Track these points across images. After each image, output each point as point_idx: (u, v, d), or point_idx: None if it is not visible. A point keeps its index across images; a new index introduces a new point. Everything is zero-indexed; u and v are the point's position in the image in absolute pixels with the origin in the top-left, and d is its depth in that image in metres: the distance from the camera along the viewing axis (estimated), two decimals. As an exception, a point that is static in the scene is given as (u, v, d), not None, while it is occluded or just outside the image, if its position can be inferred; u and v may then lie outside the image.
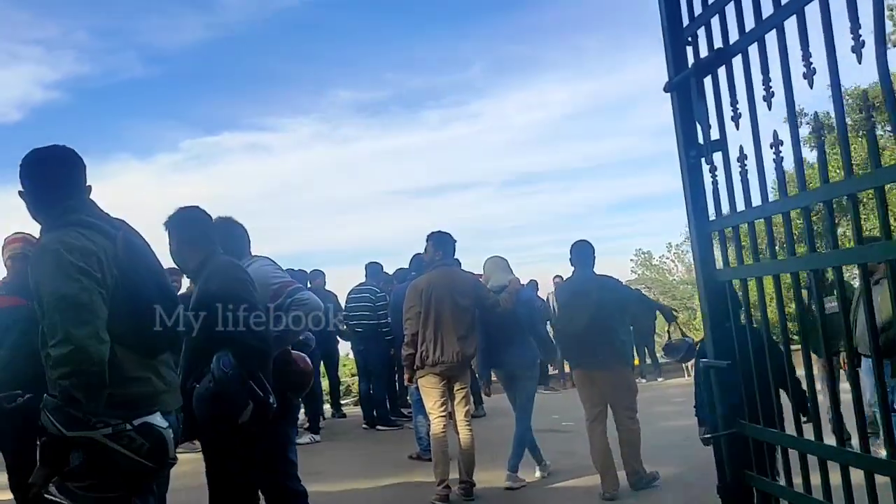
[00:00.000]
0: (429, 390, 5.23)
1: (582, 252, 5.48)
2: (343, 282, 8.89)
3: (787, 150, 2.02)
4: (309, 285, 9.13)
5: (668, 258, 40.79)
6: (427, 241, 5.53)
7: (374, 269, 8.87)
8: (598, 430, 5.27)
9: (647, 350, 13.91)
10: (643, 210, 61.28)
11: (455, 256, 5.90)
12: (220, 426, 2.92)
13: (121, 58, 55.35)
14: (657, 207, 60.74)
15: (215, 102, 60.78)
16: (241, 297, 3.01)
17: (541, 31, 58.00)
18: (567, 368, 13.06)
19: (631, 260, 42.29)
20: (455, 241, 5.55)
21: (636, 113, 54.00)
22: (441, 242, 5.48)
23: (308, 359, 3.63)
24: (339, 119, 58.43)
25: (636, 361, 13.86)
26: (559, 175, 62.42)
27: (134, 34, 59.17)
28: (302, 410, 8.42)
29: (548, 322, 12.45)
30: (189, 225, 3.26)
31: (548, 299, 12.61)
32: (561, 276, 13.03)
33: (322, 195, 59.60)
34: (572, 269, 5.57)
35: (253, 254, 3.76)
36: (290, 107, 71.42)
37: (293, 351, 3.54)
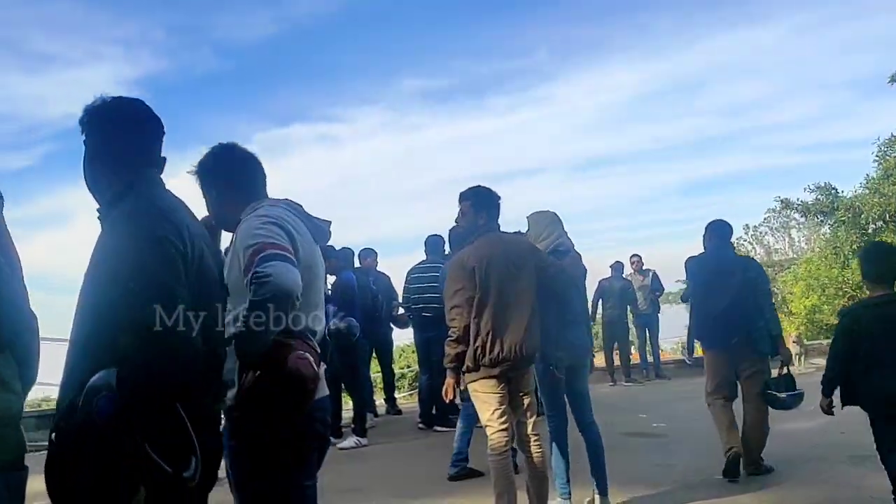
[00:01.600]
0: (485, 397, 3.94)
1: (720, 231, 5.25)
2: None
3: None
4: (358, 264, 8.18)
5: (745, 240, 39.52)
6: (461, 201, 4.16)
7: (435, 241, 7.48)
8: (724, 405, 5.03)
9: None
10: (717, 192, 59.22)
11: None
12: None
13: (195, 54, 57.48)
14: (731, 189, 58.24)
15: (285, 95, 62.83)
16: (138, 275, 1.72)
17: (607, 13, 57.41)
18: (650, 357, 11.85)
19: (707, 243, 40.86)
20: (499, 198, 4.17)
21: (706, 93, 52.23)
22: (483, 201, 4.12)
23: (311, 360, 2.41)
24: (406, 108, 58.52)
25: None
26: (629, 158, 61.01)
27: (207, 30, 61.31)
28: (350, 407, 7.47)
29: (627, 305, 11.45)
30: (112, 123, 2.04)
31: (630, 279, 11.46)
32: (639, 255, 11.80)
33: (391, 184, 59.82)
34: (704, 248, 5.33)
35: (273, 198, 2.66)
36: (357, 97, 72.37)
37: (295, 345, 2.34)
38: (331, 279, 6.87)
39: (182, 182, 2.57)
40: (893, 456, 3.43)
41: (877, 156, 17.23)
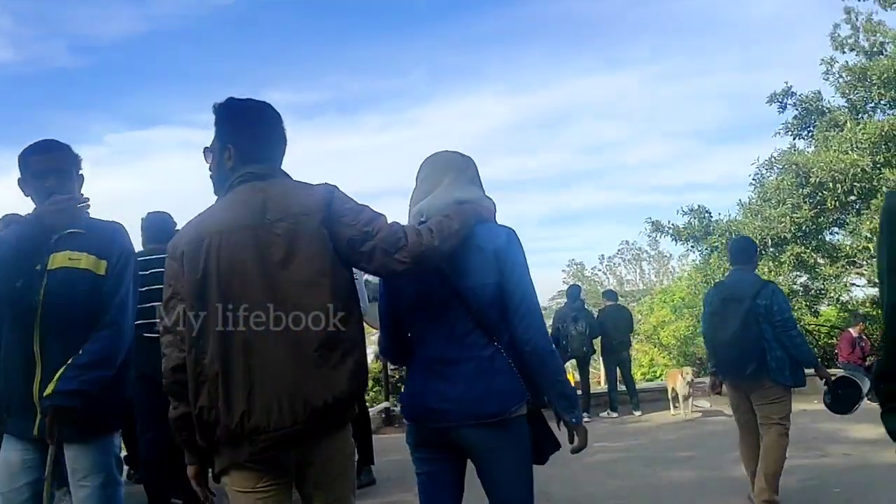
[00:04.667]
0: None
1: (735, 251, 4.94)
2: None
3: None
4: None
5: (599, 269, 40.39)
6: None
7: (155, 221, 5.05)
8: (749, 433, 4.72)
9: (620, 371, 10.30)
10: (574, 224, 61.76)
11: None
12: None
13: (47, 46, 52.42)
14: (588, 221, 60.67)
15: (146, 97, 59.65)
16: None
17: (480, 42, 58.84)
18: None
19: (563, 271, 41.89)
20: (267, 113, 2.27)
21: (568, 129, 54.56)
22: (232, 122, 2.24)
23: None
24: (274, 119, 56.22)
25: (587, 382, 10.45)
26: (493, 186, 61.30)
27: (63, 22, 57.04)
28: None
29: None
30: None
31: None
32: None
33: (255, 193, 57.57)
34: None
35: None
36: None
37: None
38: None
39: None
40: None
41: (754, 178, 16.12)
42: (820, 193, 13.85)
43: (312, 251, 2.03)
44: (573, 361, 10.02)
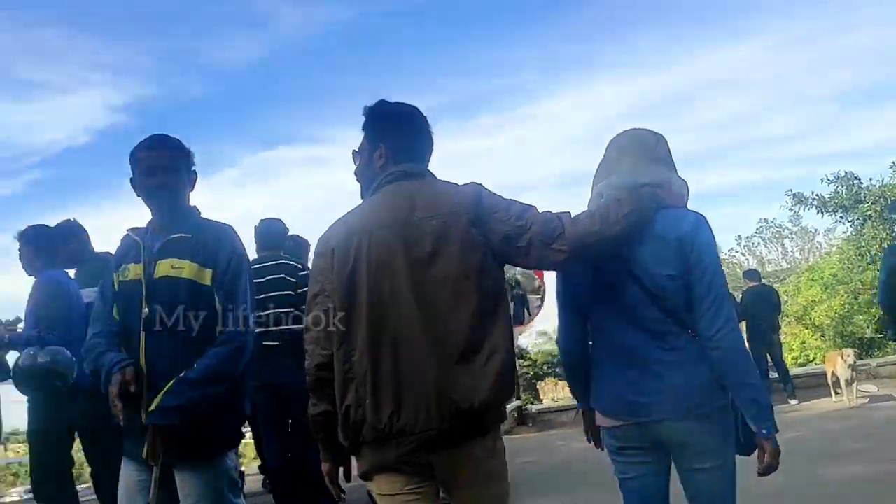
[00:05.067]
0: None
1: None
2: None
3: None
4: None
5: (737, 251, 38.48)
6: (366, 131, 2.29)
7: (269, 228, 5.01)
8: None
9: (770, 357, 9.56)
10: (707, 205, 59.63)
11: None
12: None
13: (183, 79, 59.42)
14: (721, 202, 58.20)
15: (272, 117, 65.30)
16: None
17: (593, 31, 60.16)
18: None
19: (699, 253, 40.40)
20: (416, 117, 2.28)
21: (692, 108, 53.03)
22: (383, 124, 2.25)
23: None
24: (392, 128, 59.80)
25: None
26: (615, 175, 61.88)
27: (194, 55, 64.85)
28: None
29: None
30: None
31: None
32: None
33: (379, 202, 61.69)
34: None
35: None
36: (344, 118, 73.66)
37: None
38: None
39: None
40: None
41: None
42: None
43: (460, 249, 2.01)
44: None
